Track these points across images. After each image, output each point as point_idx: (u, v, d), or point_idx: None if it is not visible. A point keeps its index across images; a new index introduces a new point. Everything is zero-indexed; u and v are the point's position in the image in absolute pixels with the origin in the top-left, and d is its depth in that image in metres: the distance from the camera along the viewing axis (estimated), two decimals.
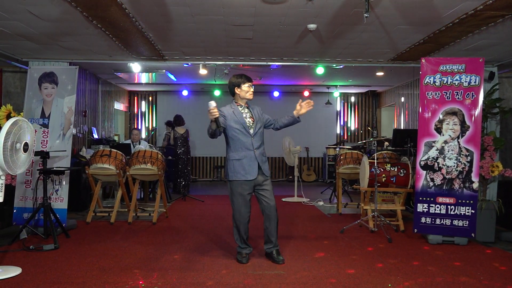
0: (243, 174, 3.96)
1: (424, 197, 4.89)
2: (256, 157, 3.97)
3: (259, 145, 4.04)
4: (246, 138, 3.99)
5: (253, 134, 4.01)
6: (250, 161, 3.96)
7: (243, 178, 3.95)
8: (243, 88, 4.06)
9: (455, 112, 4.84)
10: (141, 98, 11.70)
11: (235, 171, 3.98)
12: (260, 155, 4.01)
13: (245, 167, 3.95)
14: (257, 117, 4.10)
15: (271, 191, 4.04)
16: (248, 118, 4.03)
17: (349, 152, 6.77)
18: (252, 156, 3.97)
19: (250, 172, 3.95)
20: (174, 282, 3.46)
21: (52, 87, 5.63)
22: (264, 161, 4.05)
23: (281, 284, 3.43)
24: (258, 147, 4.03)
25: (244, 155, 3.97)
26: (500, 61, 5.98)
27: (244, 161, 3.96)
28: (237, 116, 4.02)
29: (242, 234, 4.05)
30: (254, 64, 6.80)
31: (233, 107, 4.09)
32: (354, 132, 12.03)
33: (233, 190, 4.02)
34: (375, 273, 3.72)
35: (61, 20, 4.45)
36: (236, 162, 3.99)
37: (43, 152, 4.99)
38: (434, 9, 4.06)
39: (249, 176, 3.95)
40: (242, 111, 4.07)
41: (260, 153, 4.03)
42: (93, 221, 5.91)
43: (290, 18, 4.45)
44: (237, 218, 4.04)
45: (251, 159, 3.96)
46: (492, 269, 3.92)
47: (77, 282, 3.43)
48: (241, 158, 3.97)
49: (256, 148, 4.00)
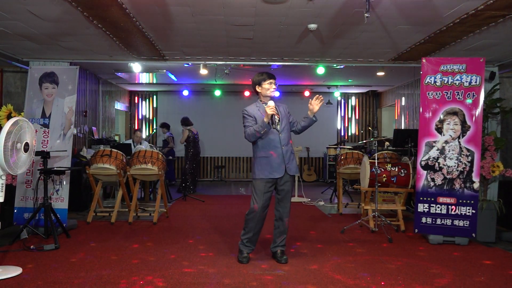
0: (270, 171, 3.93)
1: (424, 197, 4.88)
2: (283, 154, 3.95)
3: (286, 142, 4.01)
4: (274, 135, 3.96)
5: (280, 131, 3.98)
6: (277, 159, 3.93)
7: (270, 176, 3.92)
8: (264, 86, 4.04)
9: (455, 112, 4.84)
10: (141, 98, 11.71)
11: (263, 168, 3.95)
12: (288, 152, 3.98)
13: (272, 164, 3.92)
14: (283, 114, 4.06)
15: (291, 190, 4.03)
16: (275, 115, 3.97)
17: (350, 152, 6.77)
18: (279, 153, 3.94)
19: (277, 170, 3.92)
20: (175, 282, 3.46)
21: (53, 87, 5.64)
22: (291, 159, 4.01)
23: (281, 284, 3.43)
24: (286, 144, 4.00)
25: (272, 152, 3.95)
26: (501, 61, 5.98)
27: (272, 158, 3.93)
28: (263, 113, 3.97)
29: (255, 233, 4.00)
30: (255, 64, 6.80)
31: (258, 105, 4.07)
32: (355, 132, 12.03)
33: (257, 188, 3.96)
34: (376, 273, 3.72)
35: (62, 20, 4.46)
36: (263, 159, 3.96)
37: (44, 152, 5.00)
38: (434, 9, 4.06)
39: (276, 174, 3.92)
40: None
41: (288, 150, 4.00)
42: (94, 221, 5.91)
43: (291, 18, 4.45)
44: (254, 216, 3.95)
45: (278, 156, 3.94)
46: (493, 269, 3.92)
47: (77, 282, 3.43)
48: (267, 156, 3.95)
49: (283, 145, 3.97)
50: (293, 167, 4.02)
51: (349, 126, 12.03)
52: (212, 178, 11.80)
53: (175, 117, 10.16)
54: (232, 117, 10.92)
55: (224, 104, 11.62)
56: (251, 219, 3.98)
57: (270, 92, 4.04)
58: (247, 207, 4.08)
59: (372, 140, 5.87)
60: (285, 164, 3.95)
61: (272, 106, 3.83)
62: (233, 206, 7.27)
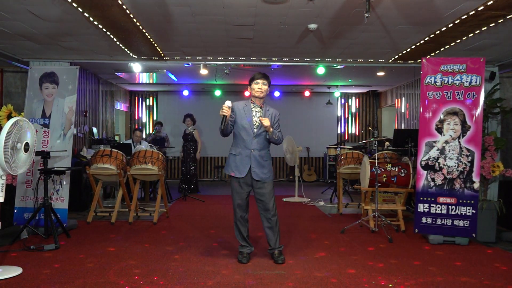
0: (233, 170, 3.98)
1: (425, 197, 4.88)
2: (250, 158, 3.93)
3: (260, 147, 3.97)
4: (248, 136, 3.96)
5: (255, 134, 3.96)
6: (242, 160, 3.95)
7: (232, 173, 3.98)
8: (252, 86, 4.03)
9: (456, 112, 4.84)
10: (141, 98, 11.71)
11: (229, 164, 4.03)
12: (257, 157, 3.94)
13: (237, 163, 3.96)
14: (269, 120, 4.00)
15: (267, 196, 3.97)
16: (256, 118, 3.96)
17: (350, 152, 6.77)
18: (247, 155, 3.94)
19: (240, 170, 3.95)
20: (175, 282, 3.46)
21: (53, 87, 5.64)
22: (261, 165, 3.95)
23: (281, 284, 3.43)
24: (259, 149, 3.96)
25: (240, 152, 3.97)
26: (501, 61, 5.98)
27: (238, 158, 3.97)
28: (246, 113, 3.98)
29: (241, 232, 4.07)
30: (255, 64, 6.80)
31: (246, 103, 4.06)
32: (355, 132, 12.02)
33: (231, 185, 4.07)
34: (376, 273, 3.72)
35: (62, 20, 4.46)
36: (231, 156, 4.03)
37: (44, 152, 5.00)
38: (435, 9, 4.06)
39: (238, 174, 3.95)
40: (253, 109, 4.02)
41: (259, 156, 3.95)
42: (94, 221, 5.91)
43: (291, 18, 4.45)
44: (234, 214, 4.08)
45: (245, 157, 3.94)
46: (493, 269, 3.92)
47: (77, 282, 3.43)
48: (236, 154, 3.98)
49: (254, 149, 3.95)
50: (261, 173, 3.95)
51: (349, 126, 12.02)
52: (212, 178, 11.80)
53: (175, 117, 10.15)
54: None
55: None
56: (234, 218, 4.10)
57: (255, 91, 4.00)
58: None
59: (372, 140, 5.87)
60: (250, 167, 3.93)
61: (225, 106, 3.81)
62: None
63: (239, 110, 4.00)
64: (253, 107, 4.03)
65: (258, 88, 3.99)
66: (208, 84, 10.10)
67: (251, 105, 4.04)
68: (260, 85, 3.99)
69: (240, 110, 4.00)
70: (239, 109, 4.00)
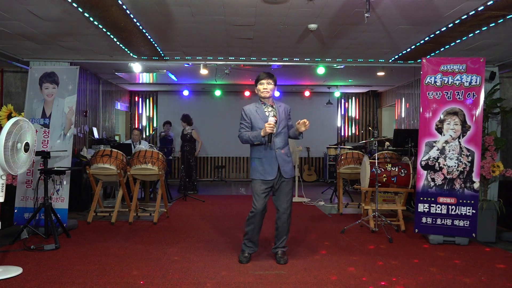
0: (262, 173, 3.94)
1: (425, 197, 4.88)
2: (276, 157, 3.93)
3: (282, 145, 3.98)
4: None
5: (276, 133, 3.95)
6: (270, 161, 3.93)
7: (262, 177, 3.93)
8: (258, 87, 4.04)
9: (456, 112, 4.84)
10: (141, 98, 11.71)
11: (256, 169, 3.97)
12: (282, 155, 3.96)
13: (264, 166, 3.93)
14: (282, 116, 4.02)
15: (289, 192, 4.01)
16: (272, 117, 3.92)
17: (350, 152, 6.77)
18: (272, 156, 3.93)
19: (269, 172, 3.92)
20: (175, 282, 3.46)
21: (53, 87, 5.64)
22: (287, 162, 3.98)
23: (282, 284, 3.43)
24: (281, 147, 3.97)
25: (265, 154, 3.95)
26: (501, 61, 5.98)
27: (264, 160, 3.94)
28: (260, 115, 3.98)
29: (254, 232, 4.02)
30: (255, 64, 6.80)
31: (257, 105, 4.06)
32: (355, 132, 12.02)
33: (254, 188, 3.99)
34: (376, 273, 3.72)
35: (62, 20, 4.46)
36: (256, 160, 3.98)
37: (44, 152, 5.00)
38: (435, 9, 4.06)
39: (268, 176, 3.93)
40: (266, 110, 4.02)
41: (283, 153, 3.97)
42: (94, 221, 5.91)
43: (291, 18, 4.45)
44: (252, 216, 3.97)
45: (271, 159, 3.93)
46: (493, 269, 3.92)
47: (78, 282, 3.43)
48: (261, 157, 3.96)
49: (278, 148, 3.95)
50: (288, 170, 3.99)
51: (349, 126, 12.03)
52: (212, 178, 11.80)
53: (176, 117, 10.14)
54: (232, 117, 10.92)
55: (224, 104, 11.62)
56: (250, 219, 4.00)
57: (261, 92, 4.02)
58: (247, 207, 4.10)
59: (372, 140, 5.88)
60: (279, 166, 3.94)
61: (272, 124, 3.81)
62: (233, 206, 7.27)
63: (252, 114, 4.01)
64: (265, 108, 4.03)
65: (263, 88, 4.00)
66: (208, 84, 10.10)
67: (263, 106, 4.04)
68: (265, 85, 4.00)
69: (254, 113, 4.01)
70: (252, 113, 4.01)
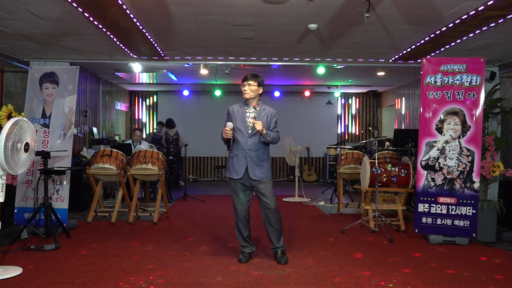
0: (231, 172, 4.03)
1: (425, 197, 4.88)
2: (246, 158, 3.95)
3: (254, 148, 3.97)
4: (243, 138, 3.98)
5: (250, 135, 3.97)
6: (239, 161, 3.98)
7: (230, 175, 4.04)
8: (241, 88, 4.07)
9: (456, 112, 4.84)
10: (141, 98, 11.71)
11: (227, 167, 4.11)
12: (253, 157, 3.95)
13: (234, 165, 4.01)
14: (263, 120, 3.99)
15: (268, 195, 3.98)
16: (250, 119, 3.99)
17: (350, 152, 6.77)
18: (242, 156, 3.97)
19: (237, 171, 3.99)
20: (175, 282, 3.46)
21: (53, 87, 5.64)
22: (257, 165, 3.96)
23: (282, 284, 3.43)
24: (254, 149, 3.97)
25: (236, 153, 4.00)
26: (501, 61, 5.98)
27: (235, 159, 4.01)
28: (239, 115, 4.03)
29: (241, 232, 4.09)
30: (255, 64, 6.80)
31: (241, 105, 4.10)
32: (355, 132, 12.02)
33: (230, 187, 4.12)
34: (376, 273, 3.72)
35: (62, 20, 4.46)
36: (230, 159, 4.09)
37: (44, 152, 5.00)
38: (435, 9, 4.06)
39: (235, 175, 3.99)
40: (247, 111, 4.05)
41: (255, 156, 3.96)
42: (94, 221, 5.91)
43: (291, 18, 4.45)
44: (235, 215, 4.12)
45: (241, 159, 3.97)
46: (493, 269, 3.92)
47: (78, 282, 3.43)
48: (233, 156, 4.03)
49: (249, 149, 3.96)
50: (258, 173, 3.96)
51: (349, 126, 12.03)
52: (212, 178, 11.80)
53: (176, 117, 10.16)
54: None
55: (225, 104, 11.56)
56: (235, 219, 4.12)
57: (244, 94, 4.03)
58: None
59: (373, 140, 5.88)
60: (247, 167, 3.96)
61: (228, 129, 3.91)
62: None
63: (233, 113, 4.06)
64: (247, 109, 4.06)
65: (244, 89, 4.04)
66: (208, 84, 10.11)
67: (245, 107, 4.08)
68: (245, 87, 4.02)
69: (235, 112, 4.06)
70: (233, 112, 4.07)
